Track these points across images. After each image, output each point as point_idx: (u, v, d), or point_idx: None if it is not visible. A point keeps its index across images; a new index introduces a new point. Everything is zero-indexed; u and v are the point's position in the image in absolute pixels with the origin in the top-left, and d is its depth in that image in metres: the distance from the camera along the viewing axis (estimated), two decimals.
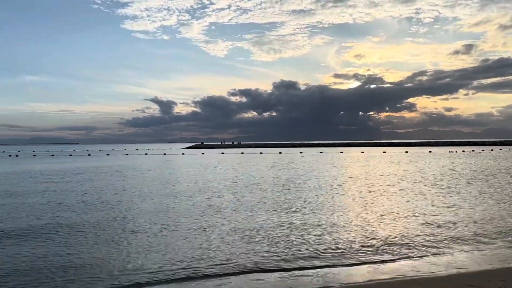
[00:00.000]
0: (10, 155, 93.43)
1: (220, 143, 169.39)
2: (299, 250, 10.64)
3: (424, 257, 10.05)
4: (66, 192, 23.48)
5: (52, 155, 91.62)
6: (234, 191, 22.98)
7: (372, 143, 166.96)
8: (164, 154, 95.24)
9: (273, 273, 8.99)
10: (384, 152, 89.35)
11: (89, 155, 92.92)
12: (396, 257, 10.06)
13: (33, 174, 38.02)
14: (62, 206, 18.13)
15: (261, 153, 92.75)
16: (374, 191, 22.59)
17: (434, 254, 10.29)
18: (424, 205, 17.62)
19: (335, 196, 20.62)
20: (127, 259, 10.04)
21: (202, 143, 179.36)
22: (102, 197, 20.97)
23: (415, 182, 27.13)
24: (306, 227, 13.43)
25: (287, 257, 10.10)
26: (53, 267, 9.44)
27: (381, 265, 9.46)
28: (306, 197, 20.22)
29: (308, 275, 8.80)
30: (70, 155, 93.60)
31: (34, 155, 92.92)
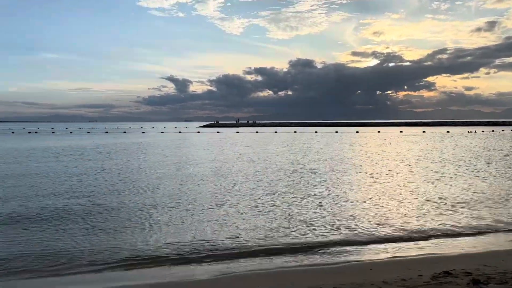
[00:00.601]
0: (29, 132, 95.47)
1: (235, 122, 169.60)
2: (314, 229, 10.77)
3: (440, 237, 10.07)
4: (86, 168, 24.04)
5: (71, 133, 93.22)
6: (250, 170, 23.18)
7: (389, 122, 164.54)
8: (180, 132, 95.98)
9: (289, 251, 9.13)
10: (401, 131, 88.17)
11: (106, 132, 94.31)
12: (412, 236, 10.11)
13: (53, 150, 38.91)
14: (84, 182, 18.62)
15: (276, 132, 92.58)
16: (391, 170, 22.47)
17: (450, 234, 10.29)
18: (441, 184, 17.49)
19: (351, 175, 20.62)
20: (147, 233, 10.35)
21: (218, 121, 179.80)
22: (121, 175, 21.44)
23: (432, 161, 26.84)
24: (322, 205, 13.53)
25: (303, 234, 10.25)
26: (77, 237, 9.81)
27: (397, 244, 9.53)
28: (322, 176, 20.27)
29: (322, 253, 8.94)
30: (88, 132, 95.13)
31: (53, 132, 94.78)
